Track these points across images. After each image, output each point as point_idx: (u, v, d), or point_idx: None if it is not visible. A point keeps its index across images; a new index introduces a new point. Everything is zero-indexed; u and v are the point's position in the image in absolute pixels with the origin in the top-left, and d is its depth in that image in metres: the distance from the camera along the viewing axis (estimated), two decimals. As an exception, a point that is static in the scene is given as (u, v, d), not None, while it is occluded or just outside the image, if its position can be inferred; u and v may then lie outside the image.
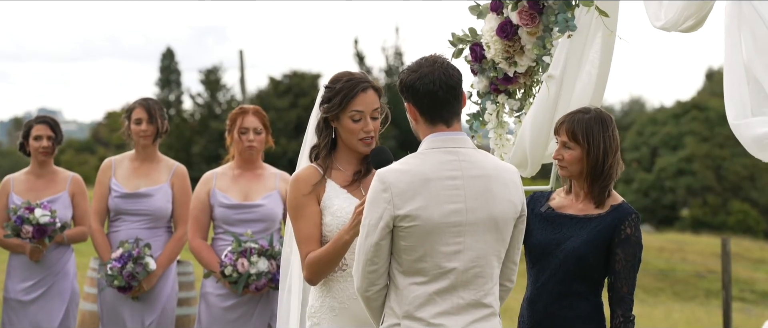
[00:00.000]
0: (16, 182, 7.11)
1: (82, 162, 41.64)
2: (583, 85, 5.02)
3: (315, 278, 4.24)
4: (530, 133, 5.05)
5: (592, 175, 4.46)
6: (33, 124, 7.11)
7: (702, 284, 19.66)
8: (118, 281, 6.58)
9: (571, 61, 4.92)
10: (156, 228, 6.82)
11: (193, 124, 44.58)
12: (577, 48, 4.92)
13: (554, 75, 4.91)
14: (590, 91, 5.03)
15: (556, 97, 4.93)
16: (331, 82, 4.35)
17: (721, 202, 38.67)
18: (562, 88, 4.93)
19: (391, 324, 3.77)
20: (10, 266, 7.08)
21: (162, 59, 48.52)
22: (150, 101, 6.89)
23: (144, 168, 6.88)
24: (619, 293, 4.42)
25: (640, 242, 4.45)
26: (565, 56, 4.91)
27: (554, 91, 4.91)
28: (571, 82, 4.94)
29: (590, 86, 5.03)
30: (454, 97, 3.81)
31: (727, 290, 10.47)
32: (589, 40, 4.95)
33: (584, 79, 5.02)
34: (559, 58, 4.93)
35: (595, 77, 5.02)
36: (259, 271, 6.36)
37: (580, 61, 4.96)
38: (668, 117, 42.55)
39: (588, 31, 4.92)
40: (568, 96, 4.97)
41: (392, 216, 3.68)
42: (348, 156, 4.37)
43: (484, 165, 3.79)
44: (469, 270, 3.74)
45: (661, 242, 23.86)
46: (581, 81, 5.01)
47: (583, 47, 4.94)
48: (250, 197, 6.64)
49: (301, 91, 42.20)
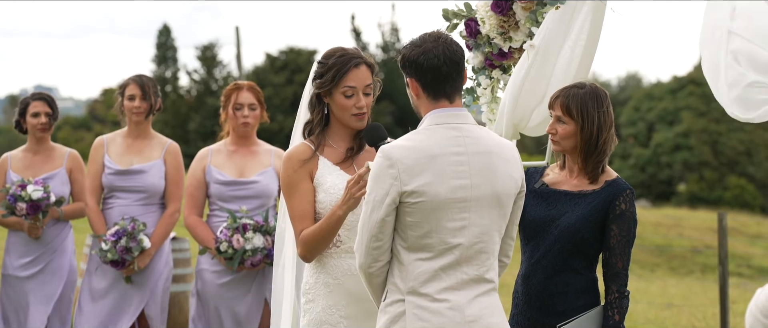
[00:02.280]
0: (14, 160, 7.12)
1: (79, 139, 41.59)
2: (566, 58, 5.01)
3: (309, 254, 4.24)
4: (508, 100, 5.05)
5: (586, 150, 4.45)
6: (30, 101, 7.11)
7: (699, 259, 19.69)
8: (111, 255, 6.57)
9: (554, 33, 4.90)
10: (149, 205, 6.82)
11: (189, 100, 44.56)
12: (562, 20, 4.90)
13: (535, 44, 4.91)
14: (575, 64, 5.02)
15: (538, 67, 4.92)
16: (323, 57, 4.35)
17: (718, 177, 38.72)
18: (543, 58, 4.92)
19: (394, 300, 3.76)
20: (9, 242, 7.10)
21: (158, 36, 48.47)
22: (144, 78, 6.88)
23: (137, 145, 6.87)
24: (614, 269, 4.42)
25: (635, 217, 4.46)
26: (547, 27, 4.90)
27: (533, 59, 4.90)
28: (553, 53, 4.93)
29: (575, 60, 5.02)
30: (458, 72, 3.81)
31: (724, 265, 10.49)
32: (576, 14, 4.94)
33: (567, 52, 5.00)
34: (542, 28, 4.92)
35: (581, 51, 5.01)
36: (255, 247, 6.37)
37: (564, 33, 4.94)
38: (665, 92, 42.52)
39: (575, 5, 4.91)
40: (549, 67, 4.96)
41: (399, 192, 3.67)
42: (341, 132, 4.37)
43: (487, 141, 3.80)
44: (473, 245, 3.75)
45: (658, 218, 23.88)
46: (564, 53, 5.00)
47: (570, 20, 4.93)
48: (245, 173, 6.64)
49: (298, 68, 42.16)
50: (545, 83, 4.99)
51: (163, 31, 48.72)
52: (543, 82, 4.98)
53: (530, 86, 4.96)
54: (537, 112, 5.08)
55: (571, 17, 4.92)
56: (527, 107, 5.03)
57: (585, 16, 4.97)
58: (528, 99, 5.00)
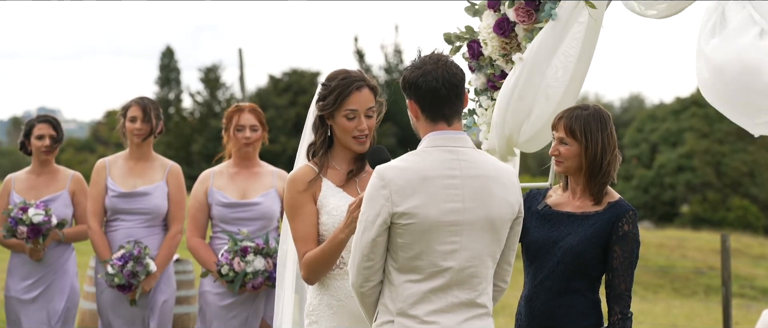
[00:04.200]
0: (17, 181, 7.13)
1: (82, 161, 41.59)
2: (553, 75, 5.02)
3: (313, 277, 4.25)
4: (497, 112, 5.06)
5: (590, 171, 4.45)
6: (35, 123, 7.12)
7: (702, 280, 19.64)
8: (118, 279, 6.57)
9: (544, 46, 4.89)
10: (152, 226, 6.82)
11: (192, 122, 44.56)
12: (552, 34, 4.89)
13: (523, 57, 4.91)
14: (564, 82, 5.03)
15: (525, 79, 4.92)
16: (326, 79, 4.36)
17: (721, 198, 38.64)
18: (531, 70, 4.91)
19: (384, 321, 3.77)
20: (11, 264, 7.09)
21: (161, 57, 48.50)
22: (146, 100, 6.89)
23: (139, 167, 6.88)
24: (617, 290, 4.42)
25: (638, 238, 4.46)
26: (538, 41, 4.90)
27: (520, 71, 4.91)
28: (541, 66, 4.92)
29: (564, 77, 5.03)
30: (457, 95, 3.81)
31: (727, 286, 10.46)
32: (566, 31, 4.94)
33: (554, 69, 5.01)
34: (534, 42, 4.92)
35: (571, 70, 5.02)
36: (256, 269, 6.37)
37: (554, 47, 4.93)
38: (667, 113, 42.50)
39: (566, 22, 4.90)
40: (537, 80, 4.96)
41: (390, 213, 3.68)
42: (343, 154, 4.38)
43: (484, 165, 3.80)
44: (464, 270, 3.75)
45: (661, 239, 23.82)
46: (551, 70, 5.00)
47: (561, 34, 4.92)
48: (247, 195, 6.65)
49: (301, 89, 42.17)
50: (533, 96, 4.98)
51: (166, 53, 48.77)
52: (530, 95, 4.98)
53: (518, 98, 4.96)
54: (527, 126, 5.08)
55: (561, 33, 4.91)
56: (516, 121, 5.03)
57: (577, 32, 4.98)
58: (516, 112, 5.00)
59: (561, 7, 4.84)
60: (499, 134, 5.08)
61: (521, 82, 4.93)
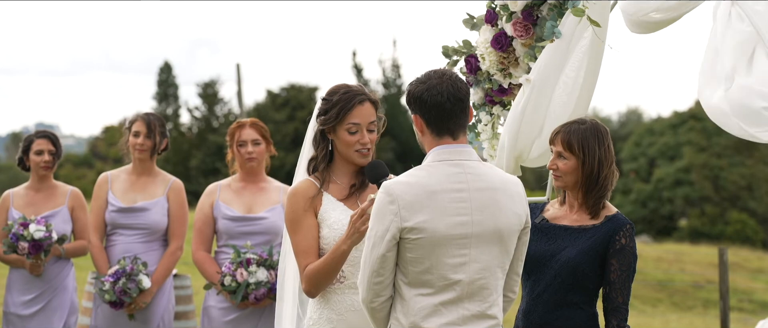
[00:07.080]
0: (16, 197, 7.13)
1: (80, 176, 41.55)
2: (561, 92, 5.04)
3: (314, 289, 4.26)
4: (507, 135, 5.07)
5: (587, 185, 4.47)
6: (33, 139, 7.13)
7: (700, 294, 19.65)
8: (109, 296, 6.58)
9: (550, 66, 4.92)
10: (152, 242, 6.83)
11: (190, 137, 44.57)
12: (557, 53, 4.92)
13: (530, 79, 4.93)
14: (573, 98, 5.05)
15: (535, 100, 4.94)
16: (328, 94, 4.38)
17: (719, 212, 38.62)
18: (540, 91, 4.94)
19: None
20: (10, 280, 7.10)
21: (159, 73, 48.56)
22: (151, 116, 6.90)
23: (141, 182, 6.89)
24: (614, 304, 4.44)
25: (635, 252, 4.47)
26: (543, 61, 4.92)
27: (529, 93, 4.92)
28: (549, 86, 4.95)
29: (573, 94, 5.04)
30: (461, 109, 3.83)
31: (725, 300, 10.49)
32: (571, 48, 4.96)
33: (562, 86, 5.03)
34: (539, 62, 4.95)
35: (579, 86, 5.04)
36: (258, 280, 6.37)
37: (560, 66, 4.96)
38: (665, 127, 42.52)
39: (570, 39, 4.93)
40: (546, 100, 4.98)
41: (399, 228, 3.70)
42: (344, 168, 4.39)
43: (490, 178, 3.82)
44: (474, 282, 3.77)
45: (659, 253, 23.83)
46: (559, 88, 5.02)
47: (566, 53, 4.95)
48: (253, 209, 6.66)
49: (299, 104, 42.19)
50: (543, 115, 5.01)
51: (164, 69, 48.82)
52: (541, 115, 5.00)
53: (529, 119, 4.98)
54: (537, 144, 5.10)
55: (566, 50, 4.94)
56: (527, 140, 5.05)
57: (582, 49, 5.00)
58: (527, 133, 5.01)
59: (564, 24, 4.87)
60: (508, 155, 5.10)
61: (531, 104, 4.95)
